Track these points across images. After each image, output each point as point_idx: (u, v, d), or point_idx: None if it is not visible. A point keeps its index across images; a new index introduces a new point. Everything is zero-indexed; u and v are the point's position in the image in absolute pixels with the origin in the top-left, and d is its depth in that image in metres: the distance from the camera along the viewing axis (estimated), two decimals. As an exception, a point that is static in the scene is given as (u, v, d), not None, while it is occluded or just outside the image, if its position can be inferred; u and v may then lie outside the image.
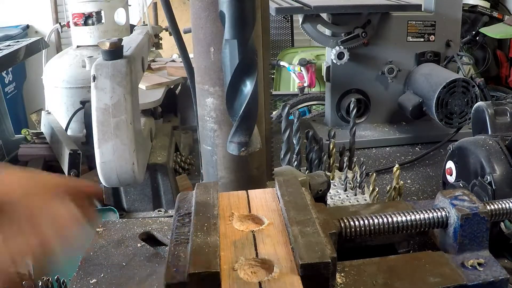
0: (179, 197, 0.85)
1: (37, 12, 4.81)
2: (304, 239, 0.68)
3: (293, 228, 0.71)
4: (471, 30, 3.78)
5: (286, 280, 0.63)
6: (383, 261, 0.75)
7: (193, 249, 0.67)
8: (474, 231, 0.77)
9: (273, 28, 4.88)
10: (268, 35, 1.09)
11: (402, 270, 0.73)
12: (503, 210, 0.83)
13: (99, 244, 0.90)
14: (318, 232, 0.70)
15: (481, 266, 0.75)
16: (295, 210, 0.76)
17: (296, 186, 0.84)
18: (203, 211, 0.77)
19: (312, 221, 0.72)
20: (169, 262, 0.67)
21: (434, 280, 0.71)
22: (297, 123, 1.47)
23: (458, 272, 0.73)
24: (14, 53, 1.95)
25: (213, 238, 0.69)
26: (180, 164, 1.79)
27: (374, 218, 0.80)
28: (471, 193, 0.83)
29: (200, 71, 1.04)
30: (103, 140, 1.24)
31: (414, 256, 0.79)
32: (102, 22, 2.44)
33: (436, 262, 0.75)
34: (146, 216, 1.50)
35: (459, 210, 0.77)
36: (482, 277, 0.73)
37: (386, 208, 0.85)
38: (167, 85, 1.97)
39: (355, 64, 2.08)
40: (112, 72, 1.25)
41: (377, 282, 0.70)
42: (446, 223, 0.80)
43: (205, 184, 0.86)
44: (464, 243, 0.77)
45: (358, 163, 1.52)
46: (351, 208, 0.92)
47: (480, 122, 1.37)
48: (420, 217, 0.81)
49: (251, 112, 0.83)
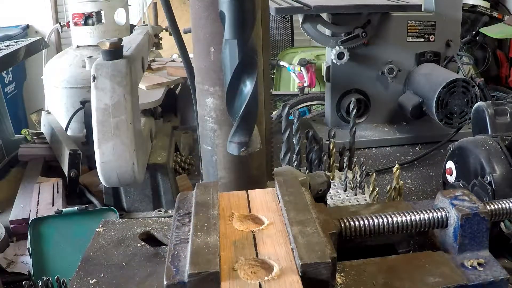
0: (179, 197, 0.85)
1: (37, 12, 4.81)
2: (304, 239, 0.68)
3: (293, 228, 0.71)
4: (471, 30, 3.77)
5: (286, 280, 0.63)
6: (383, 261, 0.75)
7: (193, 249, 0.67)
8: (474, 231, 0.77)
9: (273, 28, 4.88)
10: (268, 35, 1.09)
11: (402, 270, 0.73)
12: (503, 210, 0.83)
13: (99, 244, 0.90)
14: (318, 232, 0.70)
15: (481, 266, 0.75)
16: (295, 210, 0.76)
17: (296, 186, 0.84)
18: (203, 211, 0.77)
19: (312, 221, 0.72)
20: (169, 262, 0.67)
21: (434, 280, 0.71)
22: (297, 123, 1.47)
23: (458, 272, 0.73)
24: (14, 53, 1.95)
25: (213, 238, 0.69)
26: (180, 164, 1.79)
27: (374, 218, 0.80)
28: (471, 193, 0.83)
29: (200, 71, 1.04)
30: (103, 140, 1.24)
31: (414, 256, 0.79)
32: (102, 22, 2.44)
33: (436, 262, 0.75)
34: (146, 216, 1.50)
35: (459, 210, 0.77)
36: (482, 277, 0.73)
37: (386, 208, 0.85)
38: (167, 85, 1.97)
39: (355, 64, 2.08)
40: (112, 72, 1.25)
41: (377, 282, 0.70)
42: (446, 223, 0.80)
43: (205, 184, 0.86)
44: (464, 243, 0.77)
45: (358, 163, 1.52)
46: (351, 208, 0.92)
47: (480, 122, 1.37)
48: (420, 217, 0.81)
49: (251, 112, 0.83)
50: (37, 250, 1.30)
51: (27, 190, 1.61)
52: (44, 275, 1.09)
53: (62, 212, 1.35)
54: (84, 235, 1.30)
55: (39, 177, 1.69)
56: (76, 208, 1.36)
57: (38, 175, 1.72)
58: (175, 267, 0.66)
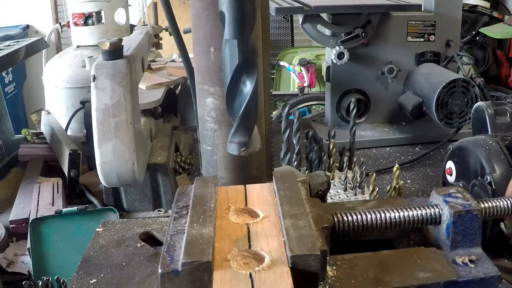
0: (178, 191, 0.87)
1: (37, 12, 4.81)
2: (296, 232, 0.69)
3: (286, 221, 0.73)
4: (471, 30, 3.78)
5: (276, 271, 0.64)
6: (375, 256, 0.76)
7: (188, 239, 0.69)
8: (466, 228, 0.77)
9: (273, 28, 4.88)
10: (268, 35, 1.09)
11: (393, 265, 0.73)
12: (496, 208, 0.83)
13: (99, 244, 0.90)
14: (310, 226, 0.71)
15: (472, 263, 0.75)
16: (289, 204, 0.77)
17: (293, 181, 0.86)
18: (200, 204, 0.79)
19: (305, 215, 0.74)
20: (165, 251, 0.69)
21: (425, 275, 0.71)
22: (297, 123, 1.47)
23: (449, 268, 0.73)
24: (14, 53, 1.95)
25: (207, 229, 0.71)
26: (180, 164, 1.79)
27: (367, 213, 0.81)
28: (465, 191, 0.83)
29: (200, 71, 1.04)
30: (103, 140, 1.24)
31: (406, 252, 0.79)
32: (102, 22, 2.44)
33: (428, 258, 0.75)
34: (146, 216, 1.50)
35: (452, 207, 0.78)
36: (473, 273, 0.73)
37: (382, 205, 0.85)
38: (167, 85, 1.97)
39: (355, 64, 2.08)
40: (112, 72, 1.25)
41: (367, 276, 0.71)
42: (439, 220, 0.80)
43: (204, 178, 0.88)
44: (457, 240, 0.77)
45: (358, 163, 1.52)
46: (348, 204, 0.93)
47: (480, 122, 1.37)
48: (414, 213, 0.81)
49: (251, 112, 0.83)
50: (37, 250, 1.30)
51: (27, 190, 1.61)
52: (44, 275, 1.09)
53: (62, 212, 1.35)
54: (84, 235, 1.30)
55: (39, 177, 1.69)
56: (76, 208, 1.36)
57: (38, 175, 1.72)
58: (170, 257, 0.68)
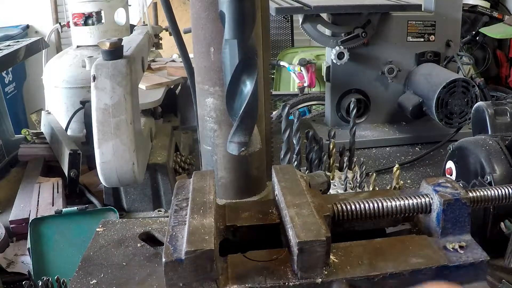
0: (177, 185, 0.89)
1: (37, 12, 4.81)
2: (301, 220, 0.73)
3: (290, 210, 0.76)
4: (471, 30, 3.78)
5: None
6: (369, 244, 0.79)
7: (190, 229, 0.71)
8: (456, 216, 0.79)
9: (273, 28, 4.88)
10: (268, 35, 1.09)
11: (387, 252, 0.76)
12: (484, 197, 0.86)
13: (99, 244, 0.90)
14: (314, 214, 0.74)
15: (462, 249, 0.77)
16: (291, 195, 0.80)
17: (292, 173, 0.88)
18: (199, 196, 0.81)
19: (307, 204, 0.77)
20: (168, 241, 0.71)
21: (417, 261, 0.74)
22: (297, 123, 1.47)
23: (440, 254, 0.76)
24: (14, 53, 1.95)
25: (208, 220, 0.74)
26: (180, 164, 1.79)
27: (365, 202, 0.84)
28: (454, 181, 0.85)
29: (200, 71, 1.04)
30: (103, 140, 1.24)
31: (399, 239, 0.81)
32: (102, 22, 2.44)
33: (420, 245, 0.78)
34: (146, 216, 1.50)
35: (441, 196, 0.80)
36: (463, 258, 0.75)
37: (375, 196, 0.87)
38: (167, 85, 1.97)
39: (355, 64, 2.08)
40: (112, 72, 1.25)
41: (362, 262, 0.73)
42: (430, 209, 0.82)
43: (202, 172, 0.90)
44: (447, 227, 0.79)
45: (358, 163, 1.52)
46: (341, 196, 0.95)
47: (480, 122, 1.37)
48: (405, 202, 0.83)
49: (251, 112, 0.83)
50: (37, 250, 1.30)
51: (27, 190, 1.61)
52: (44, 275, 1.09)
53: (62, 212, 1.35)
54: (84, 235, 1.30)
55: (39, 177, 1.69)
56: (76, 208, 1.36)
57: (38, 175, 1.72)
58: (173, 246, 0.70)
